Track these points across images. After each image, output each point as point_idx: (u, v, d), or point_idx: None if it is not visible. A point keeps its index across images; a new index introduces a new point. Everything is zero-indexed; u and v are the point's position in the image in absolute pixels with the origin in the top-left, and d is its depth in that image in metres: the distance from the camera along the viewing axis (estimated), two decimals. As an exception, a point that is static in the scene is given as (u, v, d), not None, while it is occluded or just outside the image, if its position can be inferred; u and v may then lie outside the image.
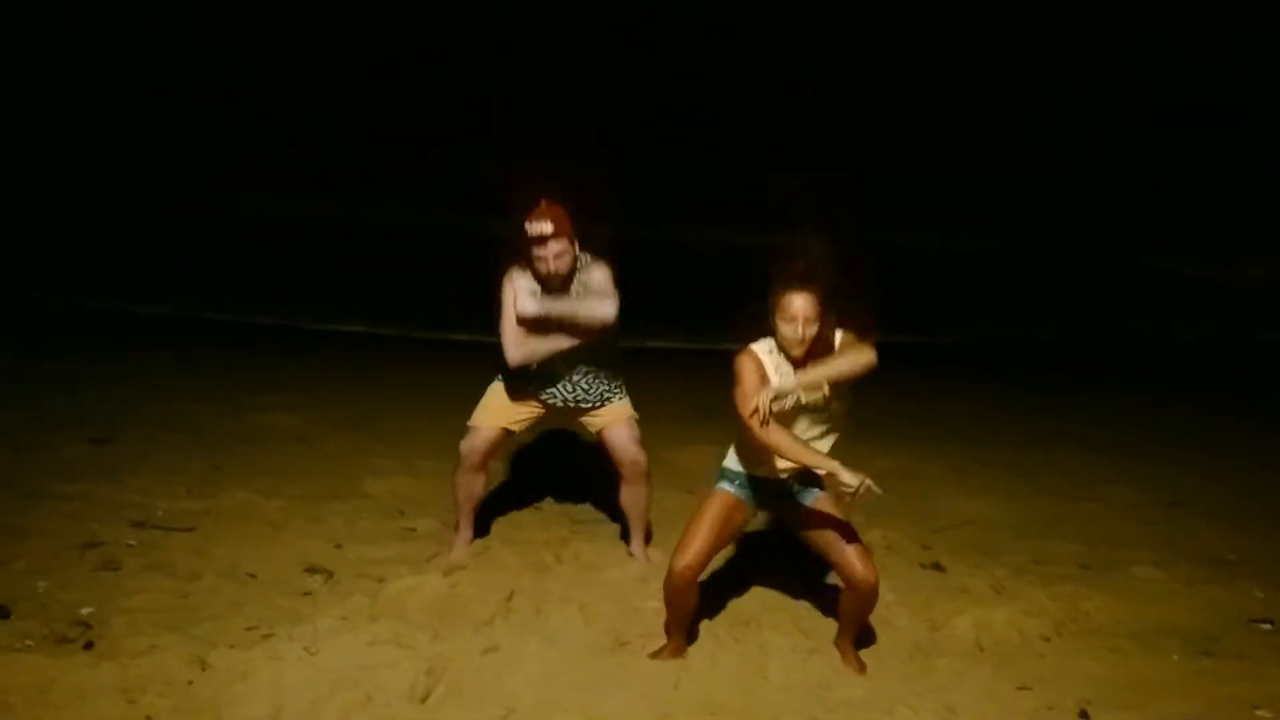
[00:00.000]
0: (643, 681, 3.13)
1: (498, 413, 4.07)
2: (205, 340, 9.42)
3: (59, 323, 9.76)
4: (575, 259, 3.89)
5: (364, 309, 11.05)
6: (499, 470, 4.67)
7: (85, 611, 3.43)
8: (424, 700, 2.96)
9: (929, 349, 10.74)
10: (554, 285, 3.88)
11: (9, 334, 8.75)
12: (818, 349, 3.10)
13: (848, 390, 3.18)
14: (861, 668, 3.38)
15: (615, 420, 4.06)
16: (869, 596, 3.25)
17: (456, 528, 4.20)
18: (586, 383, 4.03)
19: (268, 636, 3.27)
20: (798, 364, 3.12)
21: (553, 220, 3.77)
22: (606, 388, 4.06)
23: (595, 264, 3.95)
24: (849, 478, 2.90)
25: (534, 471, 5.33)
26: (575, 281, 3.91)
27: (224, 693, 2.88)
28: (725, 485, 3.33)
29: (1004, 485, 5.74)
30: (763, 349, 3.18)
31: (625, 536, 4.31)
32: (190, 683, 2.95)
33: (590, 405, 4.06)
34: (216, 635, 3.27)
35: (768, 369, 3.13)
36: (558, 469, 5.44)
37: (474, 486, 4.12)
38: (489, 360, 4.16)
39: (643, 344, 9.04)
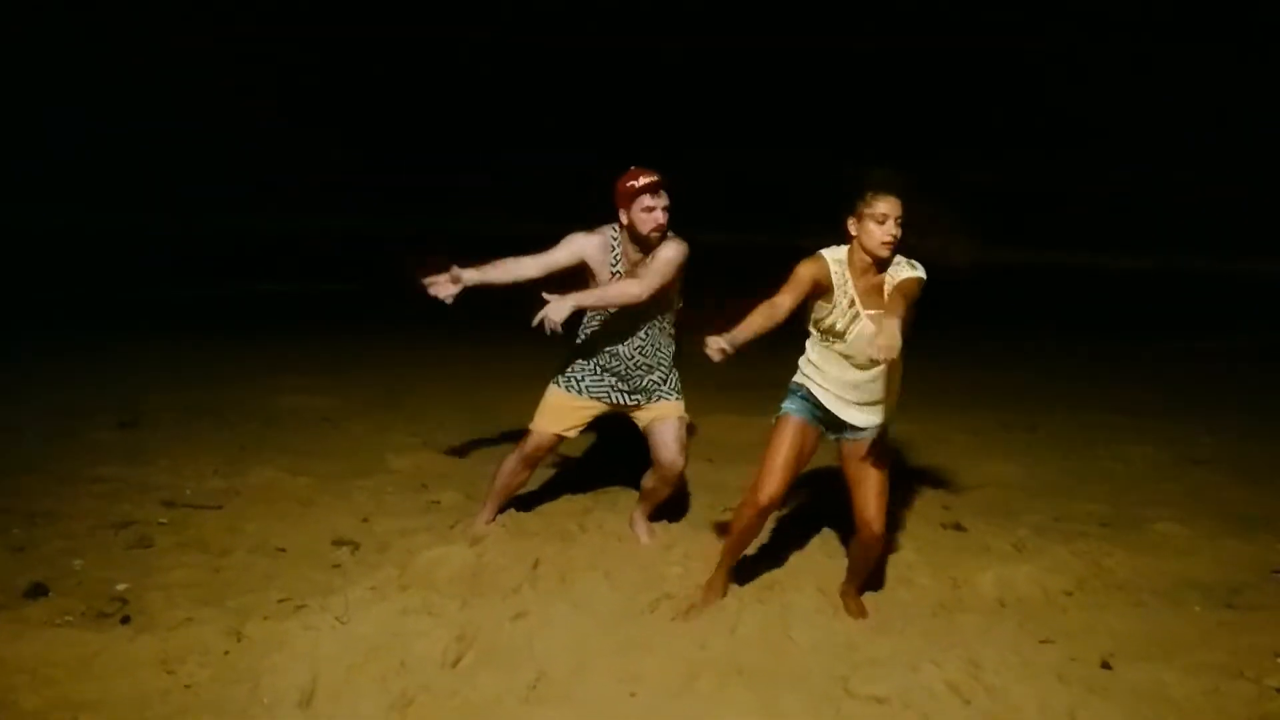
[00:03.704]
0: (670, 644, 3.17)
1: (554, 418, 3.97)
2: (222, 326, 9.50)
3: (79, 311, 9.86)
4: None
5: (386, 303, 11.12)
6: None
7: (121, 588, 3.49)
8: (455, 665, 3.02)
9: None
10: (646, 249, 3.70)
11: (32, 323, 8.86)
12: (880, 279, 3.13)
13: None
14: (862, 612, 3.49)
15: (663, 416, 3.92)
16: (871, 545, 3.37)
17: (484, 505, 4.19)
18: (637, 378, 3.89)
19: (301, 608, 3.33)
20: (880, 266, 3.13)
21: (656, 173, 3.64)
22: (656, 382, 3.91)
23: (670, 240, 3.71)
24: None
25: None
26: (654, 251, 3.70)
27: (261, 662, 2.93)
28: (789, 405, 3.34)
29: (1025, 448, 5.75)
30: (832, 255, 3.21)
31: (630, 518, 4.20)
32: (227, 653, 3.01)
33: (639, 401, 3.93)
34: (250, 607, 3.32)
35: (834, 276, 3.17)
36: (578, 439, 5.47)
37: (516, 480, 4.12)
38: (518, 350, 4.12)
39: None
